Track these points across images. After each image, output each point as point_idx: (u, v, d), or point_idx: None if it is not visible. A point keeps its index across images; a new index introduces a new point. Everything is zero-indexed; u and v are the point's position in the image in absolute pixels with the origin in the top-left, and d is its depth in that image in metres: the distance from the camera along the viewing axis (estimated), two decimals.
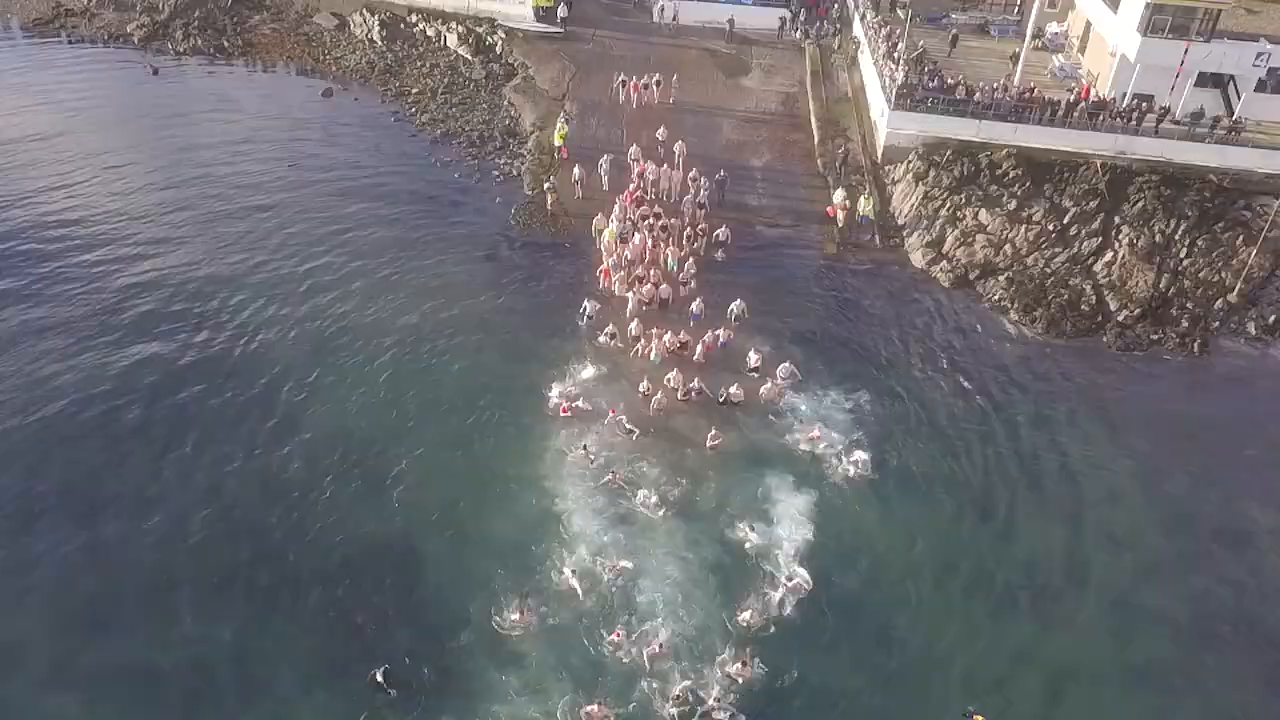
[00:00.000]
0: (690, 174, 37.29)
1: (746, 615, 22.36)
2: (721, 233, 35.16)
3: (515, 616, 22.01)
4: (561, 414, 27.53)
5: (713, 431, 27.08)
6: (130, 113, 43.55)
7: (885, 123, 40.19)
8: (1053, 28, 45.93)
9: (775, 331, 31.36)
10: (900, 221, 37.77)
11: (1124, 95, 38.76)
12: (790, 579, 23.24)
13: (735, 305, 31.70)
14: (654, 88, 43.17)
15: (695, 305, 31.49)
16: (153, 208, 36.24)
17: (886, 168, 40.14)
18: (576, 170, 37.77)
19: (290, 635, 21.82)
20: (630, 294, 31.84)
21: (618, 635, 21.78)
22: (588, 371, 29.13)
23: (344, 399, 28.05)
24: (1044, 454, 27.78)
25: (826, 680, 21.55)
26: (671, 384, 28.55)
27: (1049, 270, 34.83)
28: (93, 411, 27.11)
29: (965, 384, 30.06)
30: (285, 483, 25.36)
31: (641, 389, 28.36)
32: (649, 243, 33.92)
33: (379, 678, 20.82)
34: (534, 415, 27.59)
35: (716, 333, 30.56)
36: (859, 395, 29.07)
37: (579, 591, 22.67)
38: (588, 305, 31.25)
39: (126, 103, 44.41)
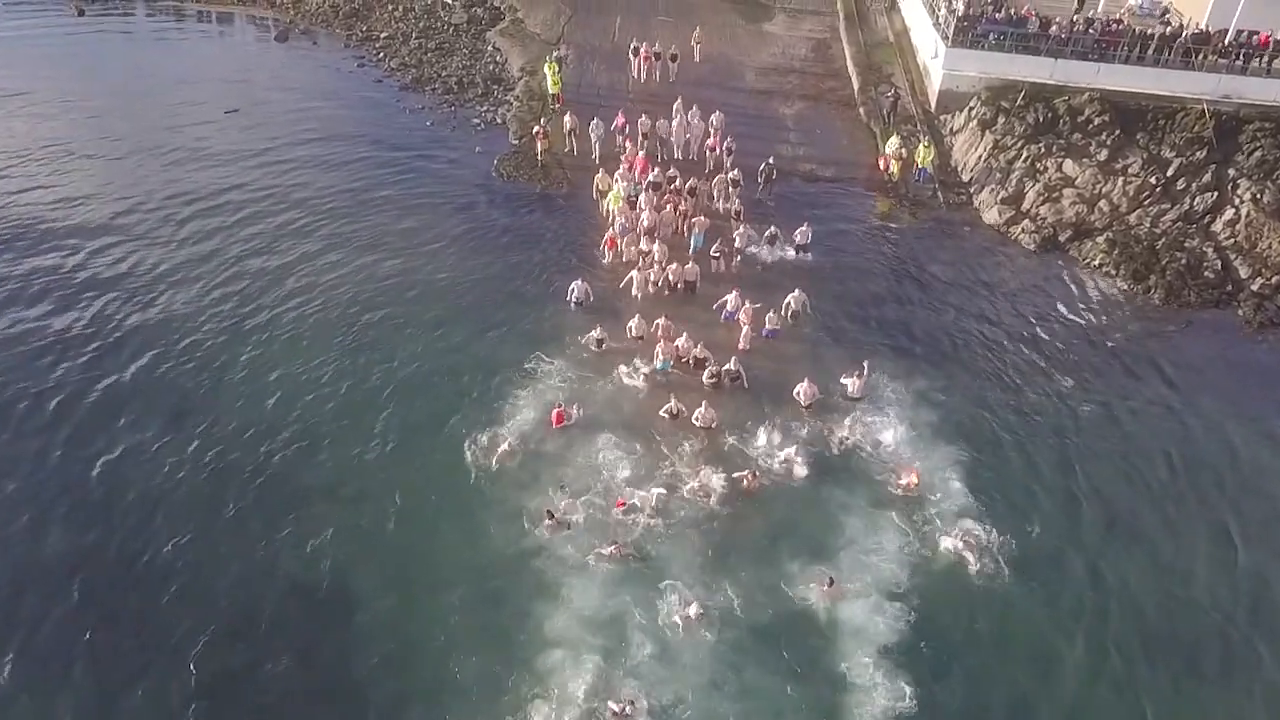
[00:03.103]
0: (715, 134, 30.10)
1: None
2: (801, 234, 26.50)
3: None
4: (555, 425, 20.18)
5: (748, 471, 19.64)
6: (47, 55, 36.87)
7: (940, 64, 33.72)
8: None
9: (836, 326, 24.09)
10: (966, 176, 31.23)
11: (1226, 31, 32.38)
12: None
13: (792, 297, 24.02)
14: (669, 62, 34.91)
15: (731, 300, 23.94)
16: (44, 152, 29.58)
17: (942, 116, 33.64)
18: (568, 119, 31.01)
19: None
20: (636, 274, 24.47)
21: None
22: (581, 375, 21.81)
23: (256, 386, 21.07)
24: (1204, 461, 21.00)
25: None
26: (698, 420, 20.73)
27: (1158, 230, 28.21)
28: None
29: (1085, 373, 23.17)
30: (165, 497, 18.40)
31: (664, 411, 20.81)
32: (663, 209, 26.51)
33: None
34: (508, 425, 20.18)
35: (761, 309, 23.20)
36: (957, 401, 21.73)
37: None
38: (576, 287, 23.91)
39: (43, 45, 37.75)
